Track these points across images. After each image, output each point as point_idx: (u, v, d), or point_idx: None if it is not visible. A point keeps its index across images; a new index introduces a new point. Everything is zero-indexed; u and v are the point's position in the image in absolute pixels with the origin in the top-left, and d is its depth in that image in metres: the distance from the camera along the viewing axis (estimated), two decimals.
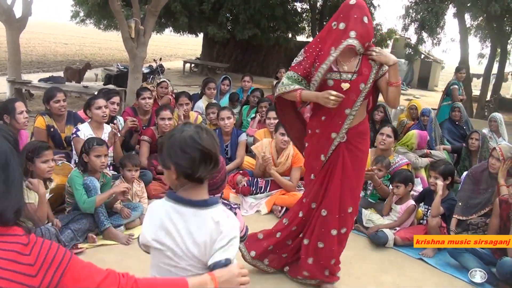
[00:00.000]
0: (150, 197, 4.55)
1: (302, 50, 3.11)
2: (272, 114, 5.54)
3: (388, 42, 20.46)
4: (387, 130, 4.97)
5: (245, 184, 4.90)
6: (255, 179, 5.01)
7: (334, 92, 2.84)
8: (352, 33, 2.82)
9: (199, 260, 1.64)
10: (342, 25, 2.87)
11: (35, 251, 1.28)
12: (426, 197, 4.50)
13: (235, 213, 2.25)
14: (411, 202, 4.42)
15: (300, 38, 21.72)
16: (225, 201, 2.48)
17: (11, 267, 1.24)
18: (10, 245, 1.27)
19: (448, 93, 8.37)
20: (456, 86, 8.24)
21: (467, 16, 15.80)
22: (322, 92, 2.90)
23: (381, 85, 3.03)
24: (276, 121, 5.09)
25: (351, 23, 2.84)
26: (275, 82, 8.09)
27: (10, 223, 1.29)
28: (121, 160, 4.44)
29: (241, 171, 5.19)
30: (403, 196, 4.42)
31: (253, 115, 6.56)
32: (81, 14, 19.99)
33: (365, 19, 2.86)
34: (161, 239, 1.66)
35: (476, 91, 17.25)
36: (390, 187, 4.60)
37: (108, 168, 4.37)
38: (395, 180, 4.41)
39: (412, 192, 4.63)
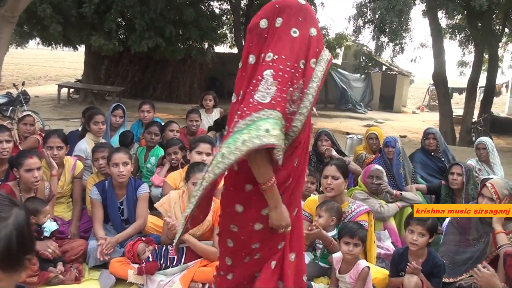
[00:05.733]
0: None
1: (268, 75, 2.79)
2: (204, 147, 5.58)
3: (338, 51, 21.31)
4: (329, 170, 4.89)
5: (150, 257, 4.77)
6: (164, 248, 4.90)
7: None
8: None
9: None
10: (313, 31, 2.91)
11: None
12: (402, 261, 4.40)
13: None
14: (362, 263, 4.28)
15: (220, 48, 22.09)
16: None
17: None
18: None
19: None
20: None
21: (440, 15, 16.48)
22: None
23: None
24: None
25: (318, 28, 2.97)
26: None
27: None
28: None
29: (143, 238, 5.06)
30: (350, 259, 4.30)
31: (152, 158, 6.52)
32: None
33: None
34: None
35: (458, 110, 17.91)
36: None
37: None
38: (345, 234, 4.26)
39: (379, 251, 4.67)
